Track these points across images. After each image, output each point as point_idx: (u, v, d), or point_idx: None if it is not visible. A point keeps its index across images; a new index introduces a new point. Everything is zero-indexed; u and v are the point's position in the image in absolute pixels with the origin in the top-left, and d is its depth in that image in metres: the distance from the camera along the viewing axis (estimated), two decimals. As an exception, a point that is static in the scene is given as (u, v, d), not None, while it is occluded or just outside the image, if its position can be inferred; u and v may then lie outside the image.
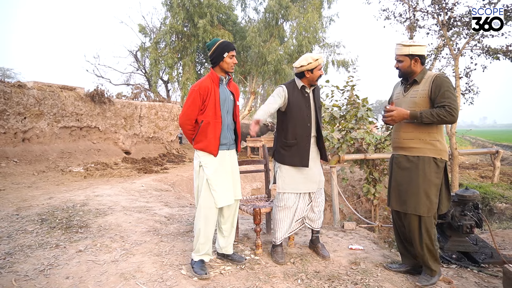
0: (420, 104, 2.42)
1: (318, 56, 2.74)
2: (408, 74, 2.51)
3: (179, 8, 13.01)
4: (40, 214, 3.83)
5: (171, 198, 5.39)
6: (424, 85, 2.42)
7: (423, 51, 2.47)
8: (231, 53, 2.59)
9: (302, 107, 2.80)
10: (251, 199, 3.51)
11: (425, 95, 2.41)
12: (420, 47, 2.46)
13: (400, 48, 2.49)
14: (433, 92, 2.36)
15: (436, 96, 2.34)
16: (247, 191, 8.13)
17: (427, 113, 2.32)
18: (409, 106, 2.45)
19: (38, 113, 7.75)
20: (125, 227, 3.53)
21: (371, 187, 5.92)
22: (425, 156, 2.40)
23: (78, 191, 5.36)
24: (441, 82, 2.35)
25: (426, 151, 2.40)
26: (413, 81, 2.50)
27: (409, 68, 2.47)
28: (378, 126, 7.18)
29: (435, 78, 2.39)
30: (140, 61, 18.77)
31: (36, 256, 2.72)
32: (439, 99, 2.33)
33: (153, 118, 11.39)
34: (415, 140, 2.44)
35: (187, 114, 2.55)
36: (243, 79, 14.82)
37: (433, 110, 2.31)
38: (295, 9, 13.07)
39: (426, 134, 2.41)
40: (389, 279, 2.55)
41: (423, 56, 2.47)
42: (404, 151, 2.50)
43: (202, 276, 2.46)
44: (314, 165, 2.87)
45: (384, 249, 3.25)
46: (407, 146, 2.48)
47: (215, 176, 2.57)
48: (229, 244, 2.82)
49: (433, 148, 2.40)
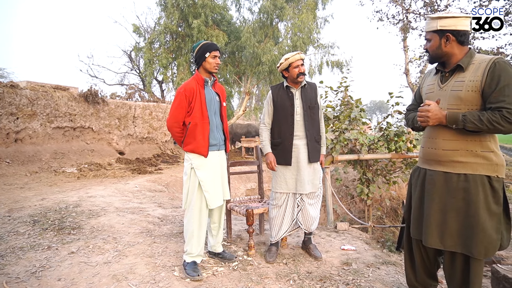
0: (467, 100, 1.75)
1: (288, 55, 2.79)
2: (440, 58, 1.88)
3: (173, 8, 12.97)
4: (32, 215, 3.80)
5: (165, 199, 5.39)
6: (475, 74, 1.74)
7: (461, 24, 1.78)
8: (214, 53, 2.59)
9: (285, 106, 2.84)
10: (244, 200, 3.52)
11: (475, 88, 1.72)
12: (455, 20, 1.78)
13: (428, 23, 1.89)
14: (487, 84, 1.69)
15: (492, 91, 1.67)
16: (241, 192, 8.14)
17: (473, 116, 1.67)
18: (449, 103, 1.81)
19: (31, 113, 7.70)
20: (118, 228, 3.52)
21: (365, 187, 5.95)
22: (476, 174, 1.73)
23: (71, 192, 5.33)
24: (502, 70, 1.66)
25: (477, 167, 1.73)
26: (455, 67, 1.82)
27: (439, 49, 1.84)
28: (372, 127, 7.23)
29: (492, 64, 1.69)
30: (134, 61, 18.71)
31: (28, 258, 2.70)
32: (495, 97, 1.66)
33: (147, 119, 11.36)
34: (461, 152, 1.77)
35: (174, 116, 2.56)
36: (237, 80, 14.81)
37: (483, 113, 1.66)
38: (290, 9, 13.09)
39: (477, 143, 1.75)
40: (380, 279, 2.57)
41: (462, 32, 1.79)
42: (444, 167, 1.83)
43: (194, 278, 2.47)
44: (306, 166, 2.84)
45: (376, 249, 3.28)
46: (449, 159, 1.80)
47: (207, 177, 2.59)
48: (218, 243, 2.88)
49: (487, 162, 1.73)
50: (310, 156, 2.82)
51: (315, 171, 2.89)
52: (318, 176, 2.92)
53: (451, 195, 1.78)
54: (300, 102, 2.85)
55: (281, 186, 2.86)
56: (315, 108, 2.91)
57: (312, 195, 2.90)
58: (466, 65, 1.77)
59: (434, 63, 1.93)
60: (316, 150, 2.89)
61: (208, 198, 2.57)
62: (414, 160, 5.75)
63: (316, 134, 2.89)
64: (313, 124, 2.86)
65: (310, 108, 2.87)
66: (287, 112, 2.83)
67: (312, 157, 2.83)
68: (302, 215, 2.88)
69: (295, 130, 2.82)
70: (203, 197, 2.58)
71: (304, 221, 2.89)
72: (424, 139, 1.98)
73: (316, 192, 2.92)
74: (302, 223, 2.89)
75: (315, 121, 2.89)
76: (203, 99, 2.59)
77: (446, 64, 1.87)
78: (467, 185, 1.73)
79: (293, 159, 2.81)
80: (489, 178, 1.72)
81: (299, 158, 2.81)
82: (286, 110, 2.84)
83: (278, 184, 2.87)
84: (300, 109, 2.84)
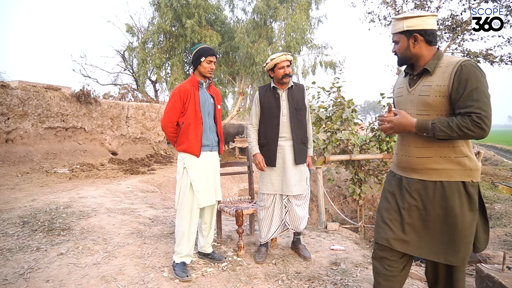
0: (435, 106, 1.65)
1: (274, 56, 2.81)
2: (408, 60, 1.77)
3: (167, 8, 12.93)
4: (22, 216, 3.78)
5: (157, 199, 5.38)
6: (442, 78, 1.63)
7: (428, 23, 1.68)
8: (209, 58, 2.64)
9: (271, 107, 2.86)
10: (235, 201, 3.53)
11: (443, 93, 1.62)
12: (421, 19, 1.68)
13: (394, 24, 1.78)
14: (454, 89, 1.58)
15: (460, 96, 1.57)
16: (234, 192, 8.15)
17: (443, 124, 1.57)
18: (418, 109, 1.71)
19: (22, 113, 7.64)
20: (108, 229, 3.51)
21: (357, 187, 6.01)
22: (451, 181, 1.65)
23: (62, 192, 5.30)
24: (469, 74, 1.56)
25: (452, 174, 1.65)
26: (422, 71, 1.72)
27: (408, 51, 1.73)
28: (364, 127, 7.28)
29: (459, 68, 1.58)
30: (127, 61, 18.61)
31: (16, 260, 2.69)
32: (464, 102, 1.56)
33: (141, 119, 11.31)
34: (435, 159, 1.68)
35: (169, 116, 2.63)
36: (231, 80, 14.82)
37: (453, 119, 1.57)
38: (284, 10, 13.11)
39: (450, 149, 1.66)
40: (367, 279, 2.60)
41: (429, 32, 1.68)
42: (420, 174, 1.73)
43: (183, 278, 2.49)
44: (292, 167, 2.84)
45: (365, 249, 3.31)
46: (423, 167, 1.71)
47: (198, 177, 2.62)
48: (208, 243, 2.91)
49: (461, 168, 1.65)
50: (296, 157, 2.83)
51: (301, 173, 2.89)
52: (305, 178, 2.93)
53: (429, 203, 1.69)
54: (287, 104, 2.86)
55: (268, 187, 2.88)
56: (302, 110, 2.91)
57: (299, 196, 2.89)
58: (433, 68, 1.67)
59: (403, 65, 1.83)
60: (303, 151, 2.89)
61: (198, 197, 2.60)
62: (405, 161, 5.80)
63: (303, 135, 2.90)
64: (300, 125, 2.87)
65: (296, 109, 2.87)
66: (273, 113, 2.85)
67: (298, 159, 2.84)
68: (290, 216, 2.89)
69: (280, 131, 2.83)
70: (194, 197, 2.61)
71: (292, 222, 2.89)
72: (398, 146, 1.89)
73: (303, 194, 2.92)
74: (290, 223, 2.90)
75: (301, 122, 2.89)
76: (197, 101, 2.65)
77: (415, 67, 1.77)
78: (444, 192, 1.66)
79: (279, 160, 2.82)
80: (464, 184, 1.64)
81: (285, 159, 2.82)
82: (272, 111, 2.85)
83: (265, 185, 2.89)
84: (286, 111, 2.85)
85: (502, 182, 8.22)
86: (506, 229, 4.27)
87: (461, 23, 6.45)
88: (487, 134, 1.54)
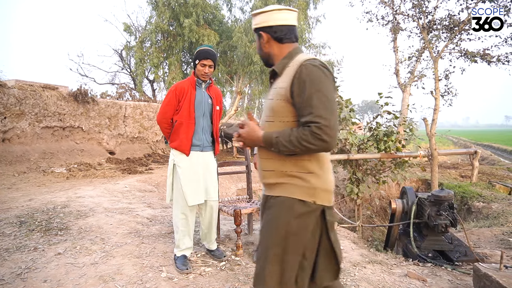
0: (278, 111, 1.41)
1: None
2: (267, 60, 1.57)
3: (164, 7, 12.90)
4: (19, 216, 3.76)
5: (155, 199, 5.37)
6: (284, 80, 1.40)
7: (274, 19, 1.47)
8: (203, 61, 2.64)
9: None
10: (233, 200, 3.53)
11: (283, 96, 1.39)
12: (266, 15, 1.48)
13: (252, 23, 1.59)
14: (295, 94, 1.34)
15: (301, 102, 1.33)
16: (232, 191, 8.14)
17: (285, 137, 1.33)
18: (265, 115, 1.49)
19: (19, 112, 7.60)
20: (106, 229, 3.50)
21: (355, 187, 6.02)
22: (285, 197, 1.39)
23: (60, 192, 5.28)
24: (309, 75, 1.33)
25: (290, 188, 1.39)
26: (273, 72, 1.51)
27: (260, 50, 1.57)
28: (362, 127, 7.29)
29: (299, 69, 1.35)
30: (125, 60, 18.53)
31: (14, 260, 2.68)
32: (304, 109, 1.31)
33: (138, 118, 11.29)
34: (276, 172, 1.43)
35: (163, 112, 2.69)
36: (229, 79, 14.80)
37: (293, 132, 1.31)
38: (282, 9, 13.12)
39: (292, 163, 1.40)
40: (366, 278, 2.61)
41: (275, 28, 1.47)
42: (266, 189, 1.50)
43: (183, 271, 2.56)
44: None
45: (363, 248, 3.32)
46: (267, 181, 1.47)
47: (185, 175, 2.66)
48: (210, 241, 2.95)
49: (304, 185, 1.37)
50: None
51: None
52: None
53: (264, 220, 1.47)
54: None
55: None
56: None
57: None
58: (280, 69, 1.45)
59: (267, 66, 1.59)
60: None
61: (185, 194, 2.63)
62: (403, 160, 5.83)
63: None
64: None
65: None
66: None
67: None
68: None
69: None
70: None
71: None
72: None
73: None
74: None
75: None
76: (192, 100, 2.66)
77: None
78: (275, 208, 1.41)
79: None
80: (304, 203, 1.36)
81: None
82: None
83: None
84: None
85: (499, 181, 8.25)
86: (503, 228, 4.29)
87: (459, 23, 6.48)
88: (331, 146, 1.29)
